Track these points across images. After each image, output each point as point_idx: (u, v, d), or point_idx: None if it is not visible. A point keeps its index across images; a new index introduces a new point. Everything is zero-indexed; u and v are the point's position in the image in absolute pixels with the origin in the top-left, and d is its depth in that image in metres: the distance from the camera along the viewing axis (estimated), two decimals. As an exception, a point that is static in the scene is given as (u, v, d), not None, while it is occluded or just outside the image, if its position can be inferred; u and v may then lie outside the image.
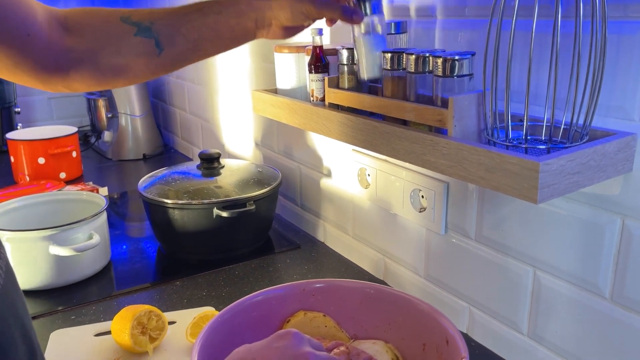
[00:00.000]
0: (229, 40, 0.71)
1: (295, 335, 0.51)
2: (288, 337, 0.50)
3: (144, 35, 0.67)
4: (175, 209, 1.09)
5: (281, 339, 0.50)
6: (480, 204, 0.80)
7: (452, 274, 0.87)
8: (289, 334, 0.51)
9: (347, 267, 1.09)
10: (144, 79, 0.71)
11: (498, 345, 0.81)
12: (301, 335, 0.51)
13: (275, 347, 0.49)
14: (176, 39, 0.68)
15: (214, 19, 0.69)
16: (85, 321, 0.91)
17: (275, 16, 0.69)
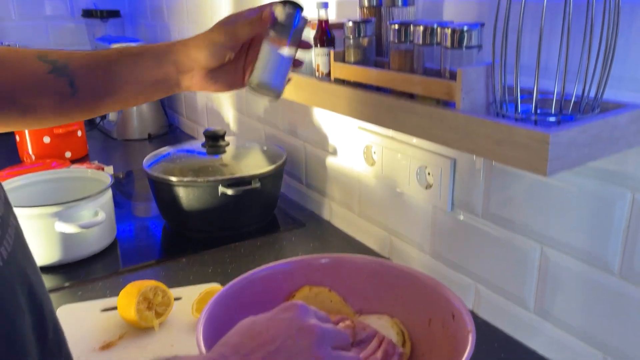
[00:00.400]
0: (150, 87, 0.69)
1: (300, 307, 0.50)
2: (294, 309, 0.50)
3: (58, 73, 0.64)
4: (180, 187, 1.08)
5: (287, 310, 0.50)
6: (487, 181, 0.79)
7: (459, 251, 0.87)
8: (294, 305, 0.50)
9: (353, 245, 1.09)
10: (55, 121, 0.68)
11: (504, 322, 0.81)
12: (307, 307, 0.51)
13: (281, 319, 0.49)
14: (92, 81, 0.66)
15: (133, 60, 0.67)
16: (92, 297, 0.92)
17: (194, 58, 0.67)
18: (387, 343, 0.61)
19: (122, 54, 0.68)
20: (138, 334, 0.81)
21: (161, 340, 0.80)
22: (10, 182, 1.09)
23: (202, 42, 0.67)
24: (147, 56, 0.67)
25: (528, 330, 0.77)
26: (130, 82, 0.67)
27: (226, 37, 0.66)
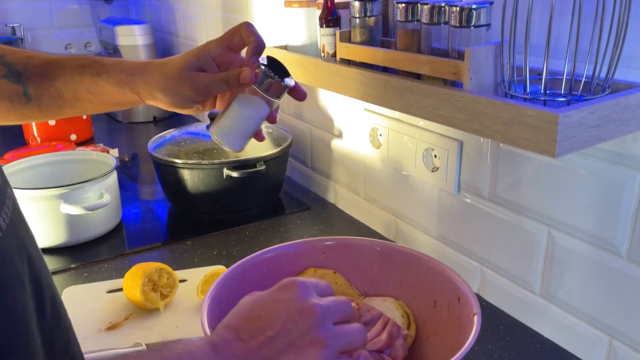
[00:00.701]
0: (112, 105, 0.66)
1: (300, 285, 0.48)
2: (293, 288, 0.48)
3: (12, 79, 0.62)
4: (185, 169, 1.08)
5: (286, 289, 0.48)
6: (495, 163, 0.78)
7: (464, 234, 0.86)
8: (293, 284, 0.48)
9: (358, 228, 1.09)
10: (12, 122, 0.67)
11: (510, 305, 0.81)
12: (306, 285, 0.48)
13: (280, 299, 0.47)
14: (47, 92, 0.63)
15: (92, 80, 0.63)
16: (98, 278, 0.92)
17: (157, 97, 0.63)
18: (392, 325, 0.60)
19: (81, 70, 0.63)
20: (143, 315, 0.81)
21: (166, 321, 0.80)
22: (16, 164, 1.09)
23: (167, 86, 0.61)
24: (108, 79, 0.63)
25: (534, 313, 0.77)
26: (91, 101, 0.65)
27: (194, 91, 0.61)
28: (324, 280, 0.51)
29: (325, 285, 0.51)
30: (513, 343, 0.75)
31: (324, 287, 0.50)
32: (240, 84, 0.61)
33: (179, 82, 0.61)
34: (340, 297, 0.50)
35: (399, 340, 0.60)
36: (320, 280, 0.51)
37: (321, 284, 0.50)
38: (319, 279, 0.67)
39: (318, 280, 0.51)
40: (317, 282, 0.50)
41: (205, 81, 0.62)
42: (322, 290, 0.50)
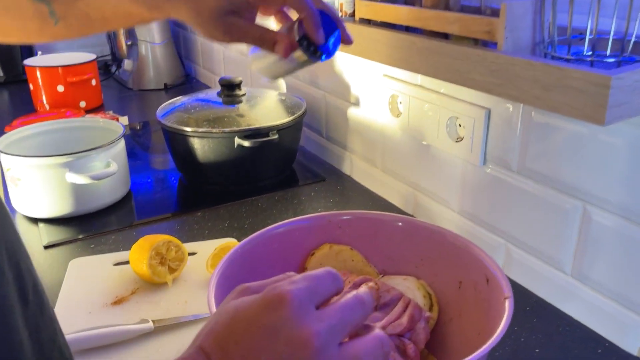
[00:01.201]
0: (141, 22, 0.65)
1: (291, 303, 0.34)
2: (281, 307, 0.34)
3: None
4: (195, 138, 1.03)
5: (271, 309, 0.34)
6: (526, 133, 0.72)
7: (489, 208, 0.81)
8: (282, 300, 0.34)
9: (375, 201, 1.04)
10: (46, 40, 0.67)
11: (537, 285, 0.76)
12: (299, 301, 0.34)
13: (264, 324, 0.34)
14: (73, 12, 0.62)
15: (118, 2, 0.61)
16: (105, 250, 0.89)
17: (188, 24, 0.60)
18: (414, 307, 0.56)
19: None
20: (151, 289, 0.78)
21: (174, 296, 0.76)
22: (20, 132, 1.05)
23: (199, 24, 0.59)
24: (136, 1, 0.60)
25: (563, 294, 0.72)
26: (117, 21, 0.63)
27: (228, 39, 0.59)
28: (327, 269, 0.38)
29: (329, 279, 0.37)
30: (541, 325, 0.70)
31: (327, 285, 0.37)
32: (274, 51, 0.59)
33: (211, 26, 0.59)
34: (350, 295, 0.38)
35: (421, 324, 0.56)
36: (324, 272, 0.38)
37: (323, 281, 0.37)
38: (335, 255, 0.63)
39: (320, 273, 0.37)
40: (317, 283, 0.36)
41: (239, 34, 0.59)
42: (326, 290, 0.37)
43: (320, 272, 0.38)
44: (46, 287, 0.79)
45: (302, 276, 0.37)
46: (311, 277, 0.37)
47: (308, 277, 0.37)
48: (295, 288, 0.35)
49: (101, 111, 1.55)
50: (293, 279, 0.37)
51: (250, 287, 0.39)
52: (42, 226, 0.97)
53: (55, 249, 0.90)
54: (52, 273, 0.83)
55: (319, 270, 0.38)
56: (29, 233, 0.95)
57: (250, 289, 0.38)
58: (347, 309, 0.36)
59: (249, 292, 0.38)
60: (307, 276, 0.37)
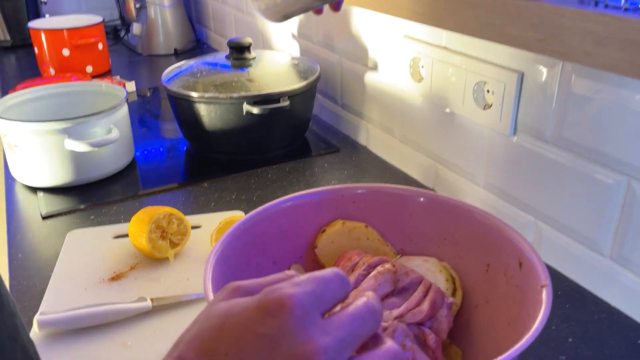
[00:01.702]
0: None
1: (293, 311, 0.28)
2: (281, 314, 0.28)
3: None
4: (201, 104, 0.97)
5: (270, 316, 0.29)
6: (564, 99, 0.64)
7: (518, 183, 0.74)
8: (283, 307, 0.28)
9: (392, 173, 0.97)
10: None
11: (570, 267, 0.69)
12: (303, 308, 0.29)
13: (260, 334, 0.28)
14: None
15: None
16: (105, 222, 0.84)
17: None
18: (435, 292, 0.50)
19: None
20: (151, 265, 0.73)
21: (176, 272, 0.71)
22: (18, 95, 1.00)
23: None
24: None
25: (600, 278, 0.66)
26: None
27: None
28: (335, 271, 0.32)
29: (336, 282, 0.31)
30: (574, 312, 0.64)
31: (335, 289, 0.31)
32: None
33: None
34: (361, 302, 0.31)
35: (443, 311, 0.50)
36: (332, 274, 0.32)
37: (331, 285, 0.31)
38: (348, 233, 0.57)
39: (327, 275, 0.31)
40: (324, 287, 0.30)
41: None
42: (333, 295, 0.31)
43: (328, 273, 0.32)
44: (42, 259, 0.74)
45: (306, 277, 0.31)
46: (317, 279, 0.31)
47: (314, 279, 0.31)
48: (298, 292, 0.29)
49: (108, 76, 1.49)
50: (295, 280, 0.30)
51: (244, 287, 0.32)
52: (41, 195, 0.92)
53: (54, 220, 0.85)
54: (49, 245, 0.78)
55: (325, 271, 0.32)
56: (28, 203, 0.91)
57: (244, 288, 0.32)
58: (358, 320, 0.30)
59: (243, 293, 0.32)
60: (313, 278, 0.31)
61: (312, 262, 0.59)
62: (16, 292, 0.69)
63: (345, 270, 0.53)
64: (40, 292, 0.68)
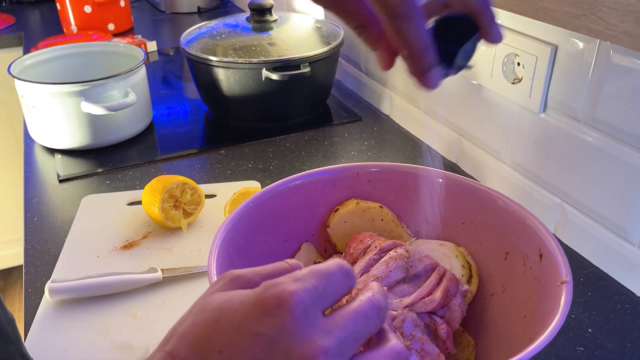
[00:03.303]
0: None
1: (293, 309, 0.27)
2: (280, 313, 0.27)
3: None
4: (220, 68, 0.94)
5: (268, 314, 0.27)
6: (599, 76, 0.60)
7: (545, 162, 0.70)
8: (282, 304, 0.27)
9: (415, 145, 0.94)
10: None
11: (594, 253, 0.66)
12: (303, 305, 0.27)
13: (257, 333, 0.26)
14: None
15: None
16: (121, 187, 0.83)
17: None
18: (449, 280, 0.48)
19: None
20: (164, 234, 0.72)
21: (188, 242, 0.71)
22: (35, 55, 0.99)
23: None
24: None
25: (627, 266, 0.63)
26: None
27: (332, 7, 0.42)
28: (338, 263, 0.30)
29: (340, 276, 0.29)
30: (596, 300, 0.61)
31: (338, 284, 0.29)
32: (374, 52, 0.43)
33: None
34: (365, 298, 0.29)
35: (457, 299, 0.48)
36: (335, 267, 0.29)
37: (334, 279, 0.29)
38: (362, 213, 0.55)
39: (330, 269, 0.29)
40: (327, 282, 0.28)
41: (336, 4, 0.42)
42: (336, 291, 0.29)
43: (331, 266, 0.30)
44: (57, 224, 0.74)
45: (308, 271, 0.29)
46: (320, 274, 0.29)
47: (316, 274, 0.29)
48: (299, 288, 0.27)
49: (130, 35, 1.47)
50: (297, 274, 0.28)
51: (243, 277, 0.30)
52: (58, 157, 0.92)
53: (70, 183, 0.85)
54: (65, 209, 0.78)
55: (328, 264, 0.30)
56: (46, 165, 0.91)
57: (243, 278, 0.30)
58: (361, 318, 0.28)
59: (242, 284, 0.30)
60: (315, 272, 0.29)
61: (324, 240, 0.57)
62: (30, 257, 0.69)
63: (357, 253, 0.51)
64: (53, 258, 0.68)
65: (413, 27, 0.37)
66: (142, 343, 0.56)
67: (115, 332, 0.57)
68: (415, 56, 0.38)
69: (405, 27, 0.37)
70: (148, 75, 1.00)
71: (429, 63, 0.39)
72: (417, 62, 0.39)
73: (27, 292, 0.64)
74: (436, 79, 0.40)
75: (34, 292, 0.64)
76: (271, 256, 0.53)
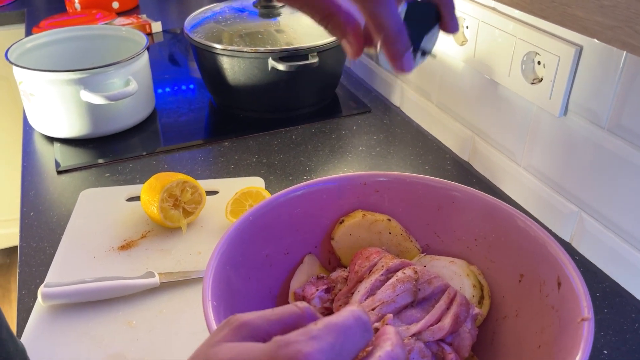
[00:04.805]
0: None
1: None
2: None
3: None
4: (224, 56, 0.91)
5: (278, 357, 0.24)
6: (627, 81, 0.56)
7: (564, 168, 0.67)
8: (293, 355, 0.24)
9: (425, 141, 0.90)
10: None
11: (613, 266, 0.63)
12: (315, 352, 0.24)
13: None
14: None
15: None
16: (120, 180, 0.81)
17: None
18: (460, 305, 0.45)
19: None
20: (163, 234, 0.70)
21: (188, 244, 0.68)
22: (33, 39, 0.95)
23: None
24: None
25: (646, 284, 0.60)
26: None
27: None
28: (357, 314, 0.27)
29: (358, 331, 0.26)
30: (613, 318, 0.58)
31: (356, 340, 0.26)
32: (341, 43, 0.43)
33: None
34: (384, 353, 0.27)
35: (467, 325, 0.45)
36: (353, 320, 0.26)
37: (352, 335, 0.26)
38: (369, 226, 0.52)
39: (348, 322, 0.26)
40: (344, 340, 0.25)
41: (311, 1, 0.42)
42: (353, 348, 0.26)
43: (348, 319, 0.26)
44: (54, 220, 0.72)
45: (324, 326, 0.26)
46: (336, 330, 0.25)
47: (332, 329, 0.25)
48: (315, 349, 0.24)
49: (135, 14, 1.43)
50: (312, 331, 0.25)
51: (249, 324, 0.27)
52: (57, 146, 0.89)
53: (69, 175, 0.82)
54: (62, 203, 0.76)
55: (346, 316, 0.26)
56: (44, 154, 0.88)
57: (249, 326, 0.27)
58: None
59: (249, 333, 0.27)
60: (331, 327, 0.26)
61: (328, 252, 0.54)
62: (25, 255, 0.67)
63: (362, 271, 0.48)
64: (49, 257, 0.66)
65: (387, 10, 0.39)
66: (137, 355, 0.54)
67: (109, 341, 0.55)
68: (390, 39, 0.39)
69: (380, 11, 0.39)
70: (152, 57, 0.97)
71: (403, 46, 0.40)
72: (393, 45, 0.40)
73: (21, 294, 0.62)
74: (411, 61, 0.42)
75: (27, 294, 0.62)
76: (272, 270, 0.50)
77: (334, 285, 0.50)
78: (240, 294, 0.45)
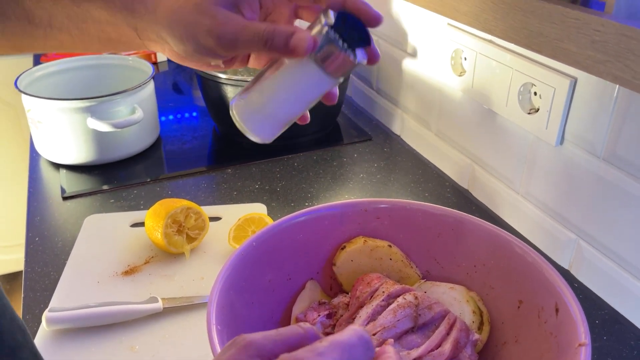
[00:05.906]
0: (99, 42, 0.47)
1: None
2: None
3: None
4: (229, 86, 0.93)
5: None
6: (621, 112, 0.58)
7: (561, 196, 0.68)
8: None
9: (425, 168, 0.92)
10: None
11: (612, 294, 0.64)
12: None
13: None
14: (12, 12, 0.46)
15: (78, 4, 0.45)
16: (125, 206, 0.82)
17: (161, 37, 0.44)
18: (459, 330, 0.46)
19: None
20: (166, 260, 0.70)
21: (191, 270, 0.69)
22: (43, 68, 0.97)
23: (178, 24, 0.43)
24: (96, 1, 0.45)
25: (644, 311, 0.60)
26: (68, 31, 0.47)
27: (215, 41, 0.42)
28: (359, 333, 0.28)
29: (361, 349, 0.27)
30: (612, 345, 0.59)
31: (359, 357, 0.27)
32: (289, 50, 0.41)
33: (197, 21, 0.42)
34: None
35: (467, 351, 0.46)
36: (356, 339, 0.27)
37: (355, 353, 0.27)
38: (370, 252, 0.53)
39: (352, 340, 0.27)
40: (349, 356, 0.27)
41: (234, 29, 0.41)
42: None
43: (352, 338, 0.28)
44: (59, 245, 0.73)
45: (329, 344, 0.27)
46: (341, 347, 0.27)
47: (337, 347, 0.27)
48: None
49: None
50: (318, 348, 0.26)
51: (255, 344, 0.28)
52: (63, 173, 0.91)
53: (74, 201, 0.84)
54: (67, 229, 0.77)
55: (349, 335, 0.28)
56: (50, 180, 0.89)
57: (255, 345, 0.28)
58: None
59: (255, 352, 0.28)
60: (335, 345, 0.27)
61: (330, 278, 0.55)
62: (30, 280, 0.68)
63: (364, 297, 0.49)
64: (53, 282, 0.67)
65: None
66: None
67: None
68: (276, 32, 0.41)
69: None
70: (157, 85, 0.99)
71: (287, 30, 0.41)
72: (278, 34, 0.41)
73: (25, 319, 0.62)
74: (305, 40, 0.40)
75: (31, 318, 0.62)
76: (274, 296, 0.51)
77: (336, 310, 0.51)
78: (243, 319, 0.46)
